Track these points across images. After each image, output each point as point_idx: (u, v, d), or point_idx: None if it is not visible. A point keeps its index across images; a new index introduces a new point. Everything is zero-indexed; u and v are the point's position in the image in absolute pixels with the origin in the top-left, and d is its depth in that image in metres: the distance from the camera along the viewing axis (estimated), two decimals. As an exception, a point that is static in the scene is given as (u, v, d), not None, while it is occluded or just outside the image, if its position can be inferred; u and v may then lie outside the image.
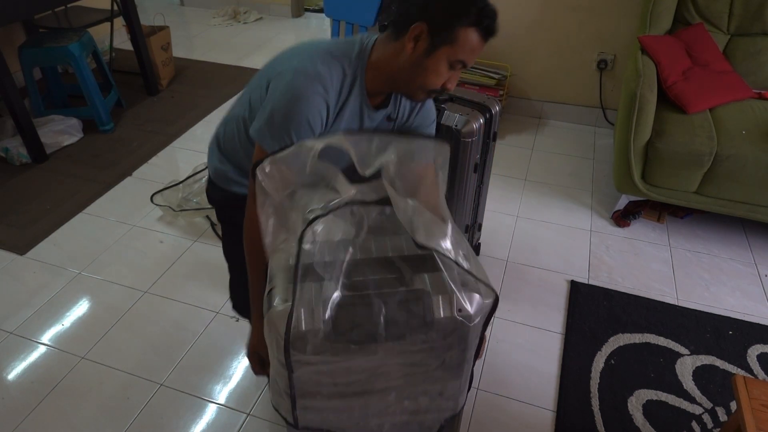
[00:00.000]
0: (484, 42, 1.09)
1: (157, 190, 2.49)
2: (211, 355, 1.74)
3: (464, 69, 1.15)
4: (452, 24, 1.06)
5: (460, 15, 1.05)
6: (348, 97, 1.16)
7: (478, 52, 1.11)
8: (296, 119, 1.08)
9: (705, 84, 2.16)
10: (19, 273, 2.07)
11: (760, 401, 1.11)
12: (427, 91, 1.15)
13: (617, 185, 2.22)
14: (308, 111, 1.08)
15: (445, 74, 1.12)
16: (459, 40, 1.07)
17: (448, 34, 1.07)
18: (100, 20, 3.21)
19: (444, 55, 1.09)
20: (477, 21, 1.06)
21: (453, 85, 1.14)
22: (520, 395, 1.63)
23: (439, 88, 1.14)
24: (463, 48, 1.08)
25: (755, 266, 2.10)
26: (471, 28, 1.06)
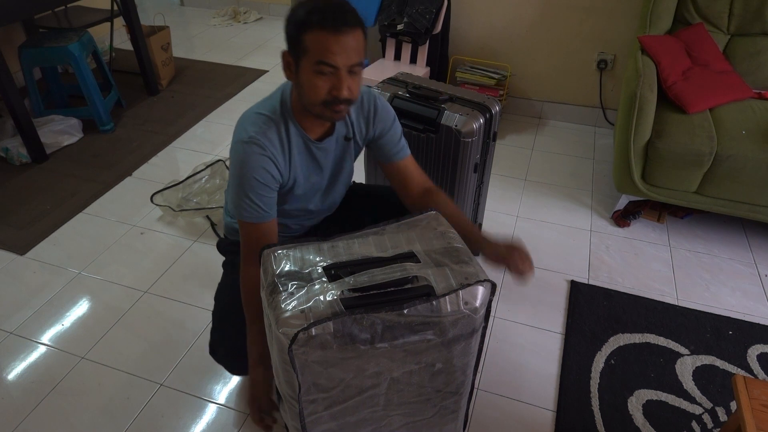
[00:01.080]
0: (335, 34, 1.07)
1: (157, 190, 2.49)
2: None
3: (348, 71, 1.12)
4: (298, 36, 1.10)
5: (299, 24, 1.10)
6: (290, 142, 1.25)
7: (339, 48, 1.08)
8: (247, 182, 1.20)
9: (705, 84, 2.16)
10: (19, 273, 2.07)
11: (760, 401, 1.11)
12: (322, 106, 1.16)
13: (617, 185, 2.22)
14: (254, 171, 1.19)
15: (321, 83, 1.12)
16: (308, 46, 1.09)
17: (299, 46, 1.11)
18: (100, 20, 3.21)
19: (307, 66, 1.12)
20: (313, 22, 1.08)
21: (342, 91, 1.12)
22: (520, 395, 1.63)
23: (331, 98, 1.13)
24: (316, 50, 1.09)
25: (755, 266, 2.10)
26: (311, 30, 1.08)
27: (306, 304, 0.94)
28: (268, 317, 1.01)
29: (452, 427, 1.28)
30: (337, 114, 1.18)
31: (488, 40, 3.00)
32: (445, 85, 1.85)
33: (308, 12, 1.09)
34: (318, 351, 0.94)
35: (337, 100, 1.13)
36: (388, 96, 1.81)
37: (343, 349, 0.95)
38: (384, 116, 1.38)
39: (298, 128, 1.25)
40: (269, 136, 1.22)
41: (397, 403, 1.12)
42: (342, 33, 1.08)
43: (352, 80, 1.14)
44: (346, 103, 1.16)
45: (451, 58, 3.06)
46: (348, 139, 1.35)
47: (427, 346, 1.01)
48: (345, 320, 0.92)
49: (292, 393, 1.02)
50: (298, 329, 0.90)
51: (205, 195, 2.38)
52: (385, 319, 0.95)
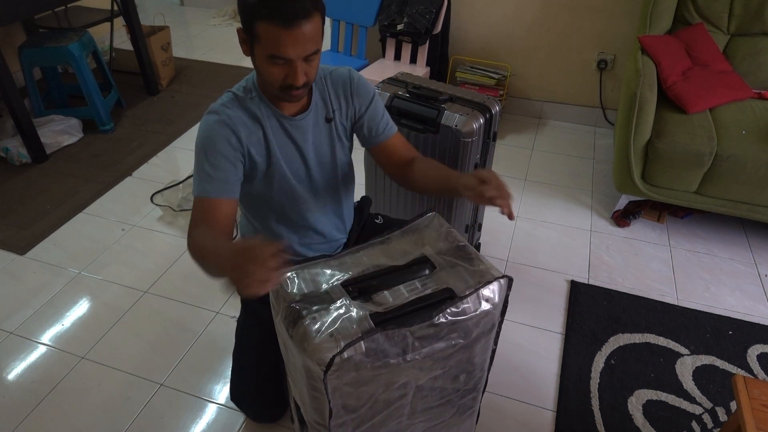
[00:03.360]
0: (286, 29, 1.02)
1: (157, 190, 2.49)
2: (211, 355, 1.74)
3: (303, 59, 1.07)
4: (251, 23, 1.05)
5: (251, 11, 1.04)
6: (261, 118, 1.21)
7: (291, 41, 1.03)
8: (205, 151, 1.15)
9: (705, 84, 2.15)
10: (19, 273, 2.07)
11: (760, 401, 1.11)
12: (279, 90, 1.13)
13: (617, 185, 2.22)
14: (213, 139, 1.15)
15: (275, 71, 1.09)
16: (261, 36, 1.05)
17: (252, 33, 1.07)
18: (100, 20, 3.21)
19: (261, 53, 1.08)
20: (264, 14, 1.02)
21: (297, 78, 1.08)
22: (520, 395, 1.63)
23: (287, 85, 1.10)
24: (268, 43, 1.05)
25: (755, 266, 2.10)
26: (263, 21, 1.03)
27: (333, 327, 0.90)
28: (289, 348, 0.96)
29: (469, 423, 1.28)
30: (294, 97, 1.15)
31: (488, 40, 3.00)
32: (445, 85, 1.85)
33: (257, 3, 1.03)
34: (351, 373, 0.90)
35: (292, 87, 1.11)
36: (388, 96, 1.81)
37: (375, 366, 0.92)
38: (362, 91, 1.31)
39: (268, 104, 1.22)
40: (231, 107, 1.19)
41: (421, 409, 1.11)
42: (294, 26, 1.02)
43: (309, 66, 1.10)
44: (304, 87, 1.12)
45: (451, 58, 3.06)
46: (329, 120, 1.30)
47: (453, 351, 1.01)
48: (377, 337, 0.89)
49: (321, 420, 0.99)
50: (333, 354, 0.86)
51: (205, 195, 2.37)
52: (416, 331, 0.93)
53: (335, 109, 1.30)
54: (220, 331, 1.83)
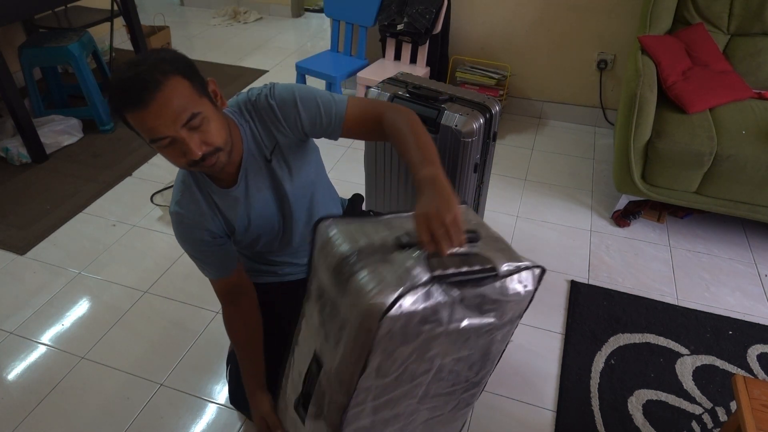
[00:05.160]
0: (143, 110, 0.94)
1: (157, 190, 2.49)
2: (211, 355, 1.74)
3: (188, 130, 0.99)
4: (124, 120, 1.00)
5: (114, 110, 1.00)
6: (211, 197, 1.21)
7: (156, 120, 0.96)
8: (189, 250, 1.25)
9: (705, 84, 2.15)
10: (19, 273, 2.07)
11: (760, 401, 1.11)
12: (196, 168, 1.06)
13: (617, 185, 2.22)
14: (190, 241, 1.22)
15: (172, 154, 1.02)
16: (134, 127, 0.99)
17: (131, 128, 1.01)
18: (100, 20, 3.21)
19: (147, 141, 1.01)
20: (120, 105, 0.97)
21: (193, 151, 0.99)
22: (520, 395, 1.63)
23: (192, 162, 1.02)
24: (140, 130, 0.99)
25: (755, 266, 2.10)
26: (125, 113, 0.97)
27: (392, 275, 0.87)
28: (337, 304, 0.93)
29: (459, 424, 1.29)
30: (214, 166, 1.05)
31: (488, 40, 3.00)
32: (445, 85, 1.85)
33: (111, 98, 0.98)
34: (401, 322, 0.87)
35: (197, 162, 1.02)
36: (388, 96, 1.81)
37: (420, 325, 0.90)
38: (286, 113, 1.16)
39: (209, 183, 1.19)
40: (185, 202, 1.18)
41: (432, 395, 1.11)
42: (149, 103, 0.94)
43: (201, 132, 1.00)
44: (212, 155, 1.03)
45: (451, 58, 3.06)
46: (269, 160, 1.20)
47: (483, 331, 1.02)
48: (433, 290, 0.87)
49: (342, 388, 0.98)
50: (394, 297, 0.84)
51: (205, 195, 2.37)
52: (467, 295, 0.91)
53: (275, 142, 1.19)
54: (220, 331, 1.83)
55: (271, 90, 1.17)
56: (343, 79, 2.83)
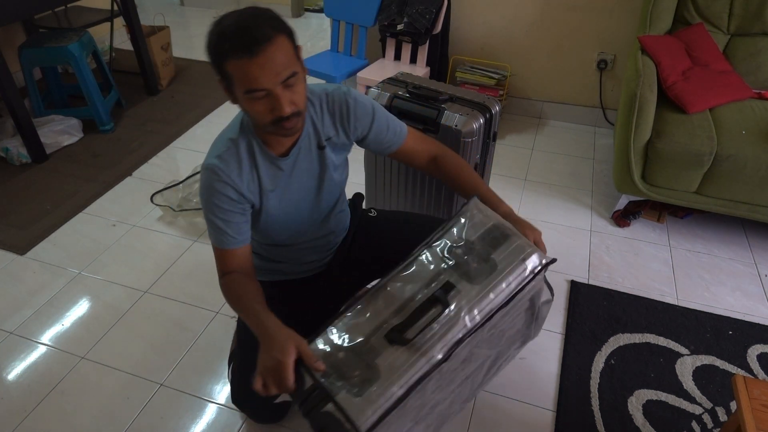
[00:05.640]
0: (252, 57, 0.99)
1: (157, 190, 2.49)
2: (211, 355, 1.74)
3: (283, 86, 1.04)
4: (220, 67, 1.05)
5: (215, 55, 1.04)
6: (255, 161, 1.21)
7: (260, 71, 1.00)
8: (211, 208, 1.20)
9: (705, 84, 2.15)
10: (19, 273, 2.07)
11: (760, 401, 1.11)
12: (273, 126, 1.10)
13: (617, 185, 2.22)
14: (216, 198, 1.19)
15: (260, 107, 1.06)
16: (232, 75, 1.03)
17: (225, 76, 1.06)
18: (100, 20, 3.21)
19: (239, 92, 1.06)
20: (225, 51, 1.01)
21: (284, 109, 1.05)
22: (520, 395, 1.63)
23: (276, 117, 1.07)
24: (239, 79, 1.03)
25: (755, 266, 2.10)
26: (227, 60, 1.01)
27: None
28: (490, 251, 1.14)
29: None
30: (290, 129, 1.12)
31: (488, 40, 3.00)
32: (445, 85, 1.85)
33: (218, 40, 1.02)
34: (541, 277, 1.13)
35: (282, 118, 1.07)
36: (388, 96, 1.81)
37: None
38: (361, 114, 1.28)
39: (261, 146, 1.21)
40: (227, 159, 1.18)
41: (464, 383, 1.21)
42: (259, 54, 0.99)
43: (292, 92, 1.06)
44: (295, 116, 1.09)
45: (451, 58, 3.06)
46: (322, 148, 1.28)
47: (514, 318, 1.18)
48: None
49: None
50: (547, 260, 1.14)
51: (205, 195, 2.37)
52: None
53: (331, 135, 1.28)
54: (220, 331, 1.83)
55: (350, 90, 1.28)
56: (343, 79, 2.83)
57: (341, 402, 0.96)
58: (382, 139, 1.34)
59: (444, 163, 1.37)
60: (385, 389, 0.97)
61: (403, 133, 1.37)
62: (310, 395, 0.99)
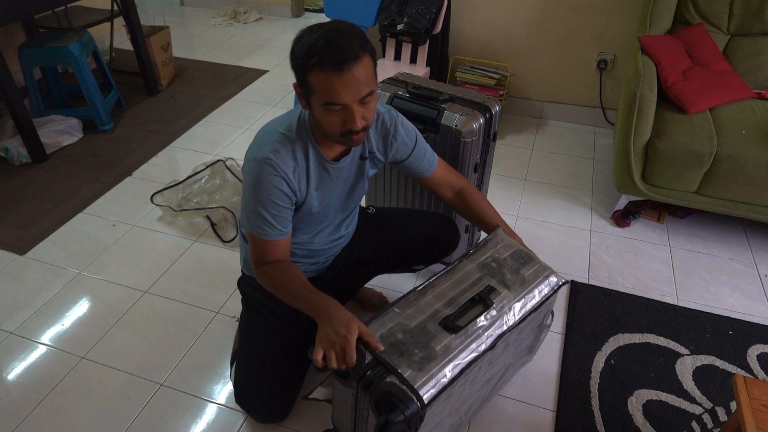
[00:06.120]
0: (337, 74, 1.04)
1: (157, 190, 2.49)
2: (211, 355, 1.74)
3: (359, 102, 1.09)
4: (303, 76, 1.09)
5: (301, 65, 1.07)
6: (307, 162, 1.25)
7: (344, 87, 1.05)
8: (260, 201, 1.21)
9: (705, 84, 2.15)
10: (19, 273, 2.07)
11: (760, 401, 1.11)
12: (340, 137, 1.15)
13: (617, 185, 2.22)
14: (268, 191, 1.20)
15: (334, 119, 1.11)
16: (314, 86, 1.07)
17: (306, 85, 1.09)
18: (100, 20, 3.21)
19: (317, 103, 1.10)
20: (314, 64, 1.04)
21: (356, 124, 1.11)
22: (520, 395, 1.63)
23: (346, 130, 1.12)
24: (322, 91, 1.07)
25: (755, 266, 2.10)
26: (315, 71, 1.05)
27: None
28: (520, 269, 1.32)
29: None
30: (356, 141, 1.18)
31: (488, 40, 3.01)
32: (445, 85, 1.85)
33: (308, 52, 1.05)
34: None
35: (352, 132, 1.13)
36: (388, 96, 1.81)
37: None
38: (403, 142, 1.38)
39: (316, 148, 1.25)
40: (283, 154, 1.21)
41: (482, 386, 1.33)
42: (345, 70, 1.04)
43: (366, 109, 1.12)
44: (363, 131, 1.15)
45: (451, 58, 3.06)
46: (364, 158, 1.36)
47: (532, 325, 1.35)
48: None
49: None
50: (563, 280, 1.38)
51: (205, 195, 2.38)
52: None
53: (374, 149, 1.36)
54: (220, 331, 1.83)
55: (399, 116, 1.39)
56: (343, 79, 2.83)
57: (405, 374, 1.03)
58: (417, 167, 1.45)
59: (468, 195, 1.47)
60: (442, 367, 1.06)
61: (435, 163, 1.47)
62: (371, 369, 1.05)
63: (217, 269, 2.07)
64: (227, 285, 2.00)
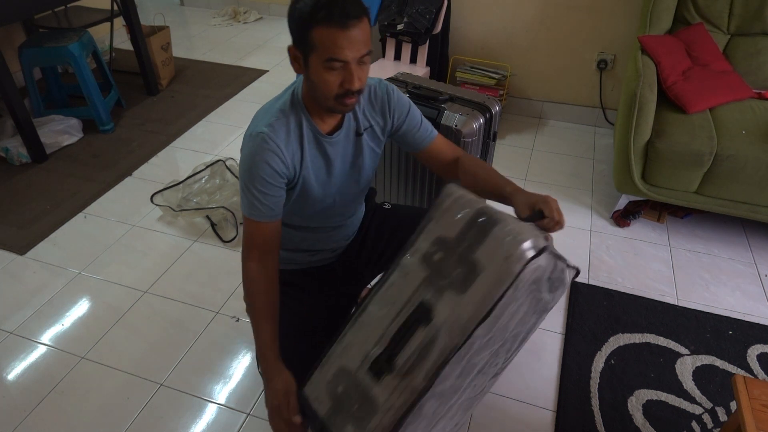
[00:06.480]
0: (343, 29, 1.06)
1: (157, 190, 2.49)
2: (211, 355, 1.74)
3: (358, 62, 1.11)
4: (304, 33, 1.10)
5: (304, 21, 1.09)
6: (302, 136, 1.25)
7: (347, 42, 1.08)
8: (252, 177, 1.20)
9: (705, 84, 2.15)
10: (19, 273, 2.07)
11: (760, 401, 1.11)
12: (335, 100, 1.16)
13: (617, 185, 2.22)
14: (261, 168, 1.19)
15: (332, 78, 1.12)
16: (316, 42, 1.09)
17: (306, 43, 1.11)
18: (100, 20, 3.21)
19: (316, 62, 1.11)
20: (319, 18, 1.06)
21: (354, 83, 1.12)
22: (520, 395, 1.63)
23: (343, 91, 1.13)
24: (324, 46, 1.08)
25: (755, 266, 2.10)
26: (318, 26, 1.07)
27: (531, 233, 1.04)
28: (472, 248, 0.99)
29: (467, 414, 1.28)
30: (348, 106, 1.18)
31: (488, 40, 3.01)
32: (445, 85, 1.85)
33: (313, 7, 1.07)
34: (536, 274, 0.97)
35: (349, 93, 1.14)
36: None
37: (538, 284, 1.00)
38: (399, 105, 1.36)
39: (309, 121, 1.25)
40: (278, 129, 1.21)
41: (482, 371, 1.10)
42: (349, 27, 1.06)
43: (362, 70, 1.14)
44: (358, 93, 1.16)
45: (451, 58, 3.06)
46: (359, 135, 1.34)
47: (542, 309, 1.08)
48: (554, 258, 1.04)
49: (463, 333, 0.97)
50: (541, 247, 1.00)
51: (205, 195, 2.38)
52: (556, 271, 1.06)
53: (370, 124, 1.35)
54: (220, 331, 1.83)
55: (389, 85, 1.36)
56: (343, 79, 2.83)
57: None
58: (414, 134, 1.41)
59: (464, 161, 1.42)
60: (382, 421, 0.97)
61: (433, 134, 1.44)
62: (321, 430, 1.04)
63: (217, 269, 2.07)
64: (227, 285, 2.00)
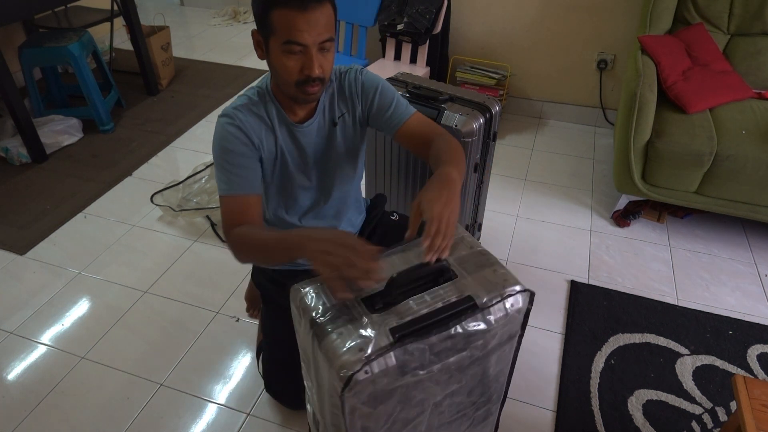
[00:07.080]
0: (302, 11, 1.04)
1: (157, 190, 2.49)
2: (211, 355, 1.74)
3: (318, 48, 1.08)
4: (264, 15, 1.08)
5: (264, 2, 1.07)
6: (273, 123, 1.24)
7: (306, 25, 1.05)
8: (224, 151, 1.18)
9: (705, 84, 2.15)
10: (19, 273, 2.07)
11: (760, 401, 1.11)
12: (296, 87, 1.13)
13: (617, 185, 2.22)
14: (226, 139, 1.18)
15: (291, 63, 1.10)
16: (275, 24, 1.07)
17: (266, 25, 1.09)
18: (100, 20, 3.21)
19: (275, 46, 1.10)
20: (278, 1, 1.05)
21: (314, 69, 1.09)
22: (520, 395, 1.63)
23: (303, 77, 1.11)
24: (282, 29, 1.06)
25: (755, 266, 2.10)
26: (277, 8, 1.05)
27: (354, 342, 0.86)
28: (318, 361, 0.93)
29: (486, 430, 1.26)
30: (310, 95, 1.15)
31: (488, 40, 3.00)
32: (445, 85, 1.85)
33: None
34: (369, 388, 0.87)
35: (309, 80, 1.11)
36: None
37: (394, 381, 0.89)
38: (366, 88, 1.31)
39: (279, 110, 1.24)
40: (243, 112, 1.20)
41: (437, 426, 1.08)
42: (309, 9, 1.04)
43: (324, 57, 1.11)
44: (319, 82, 1.13)
45: (451, 58, 3.06)
46: (336, 124, 1.32)
47: (470, 362, 0.98)
48: (395, 353, 0.86)
49: None
50: (352, 372, 0.83)
51: (205, 195, 2.38)
52: (434, 343, 0.90)
53: (343, 112, 1.32)
54: (220, 331, 1.83)
55: (361, 69, 1.33)
56: (343, 79, 2.83)
57: None
58: (384, 114, 1.32)
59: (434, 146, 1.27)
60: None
61: (407, 113, 1.33)
62: None
63: (217, 269, 2.07)
64: (227, 285, 2.00)
